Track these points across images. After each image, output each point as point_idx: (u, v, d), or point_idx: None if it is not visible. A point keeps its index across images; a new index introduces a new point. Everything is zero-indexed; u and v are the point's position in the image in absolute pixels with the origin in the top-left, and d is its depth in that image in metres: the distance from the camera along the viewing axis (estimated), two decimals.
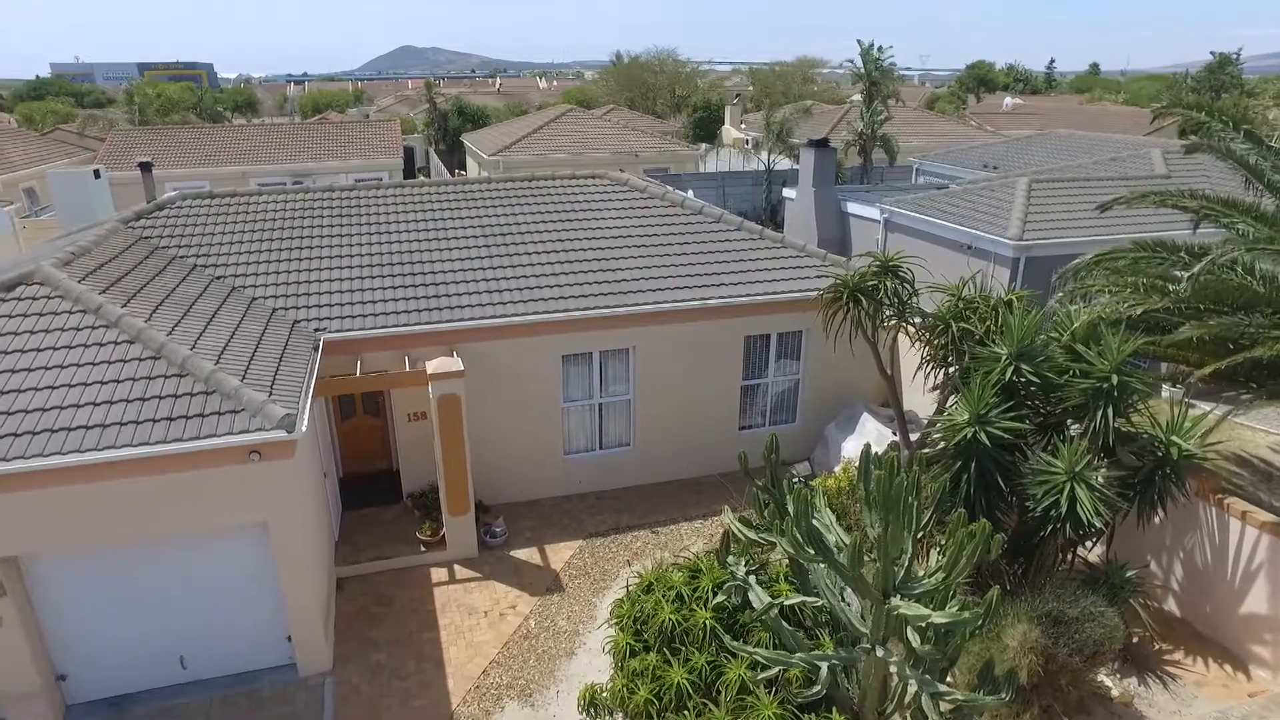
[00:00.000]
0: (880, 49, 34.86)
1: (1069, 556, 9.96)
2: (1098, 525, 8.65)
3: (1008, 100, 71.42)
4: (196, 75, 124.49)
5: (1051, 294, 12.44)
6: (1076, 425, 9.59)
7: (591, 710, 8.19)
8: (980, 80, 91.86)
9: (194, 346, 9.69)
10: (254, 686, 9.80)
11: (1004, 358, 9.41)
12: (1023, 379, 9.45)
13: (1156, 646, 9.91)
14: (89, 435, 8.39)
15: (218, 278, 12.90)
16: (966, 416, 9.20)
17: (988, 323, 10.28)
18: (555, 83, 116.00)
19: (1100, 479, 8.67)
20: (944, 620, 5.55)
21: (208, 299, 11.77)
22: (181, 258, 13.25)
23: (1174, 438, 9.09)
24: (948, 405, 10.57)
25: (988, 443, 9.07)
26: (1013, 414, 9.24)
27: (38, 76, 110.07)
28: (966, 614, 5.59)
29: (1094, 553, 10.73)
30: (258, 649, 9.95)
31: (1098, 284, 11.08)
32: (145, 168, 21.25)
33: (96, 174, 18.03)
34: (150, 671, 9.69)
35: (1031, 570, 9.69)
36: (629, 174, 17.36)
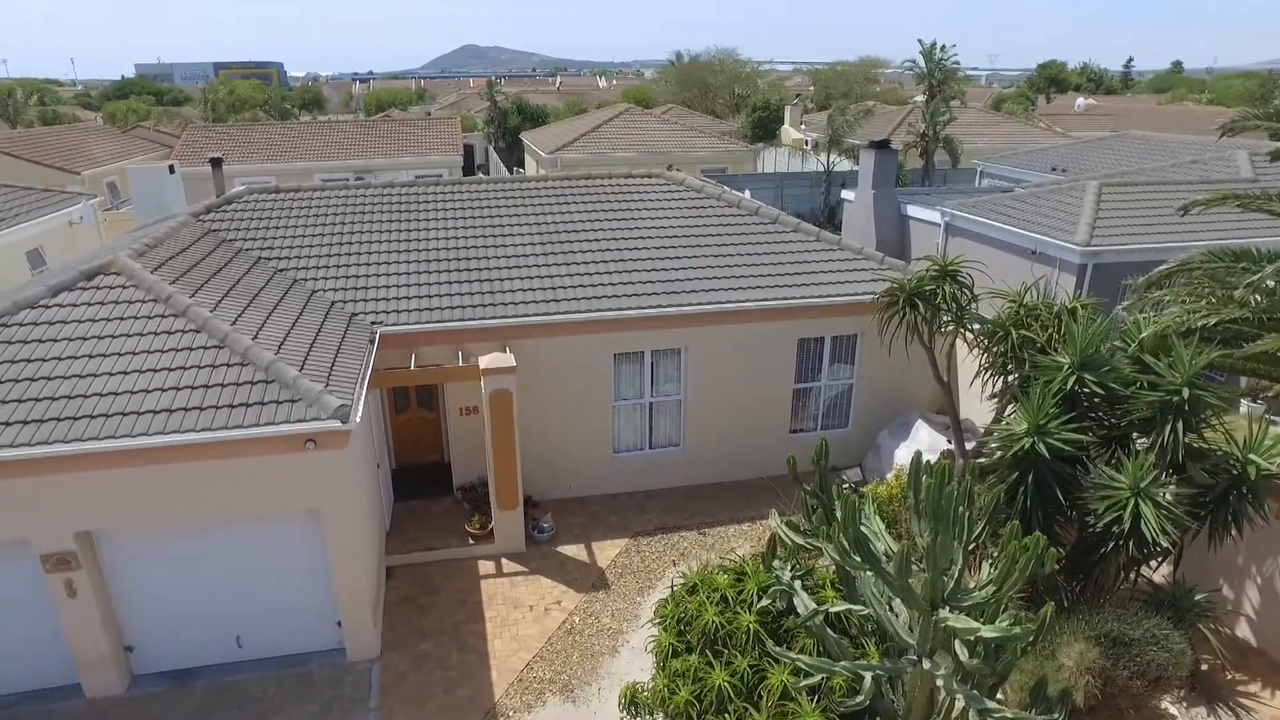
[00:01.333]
0: (944, 48, 34.04)
1: (1132, 576, 9.57)
2: (1164, 544, 8.29)
3: (1080, 101, 69.08)
4: (267, 74, 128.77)
5: (1120, 302, 11.98)
6: (1143, 439, 9.20)
7: (632, 709, 8.19)
8: (1051, 80, 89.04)
9: (256, 336, 10.01)
10: (304, 668, 10.08)
11: (1066, 367, 9.10)
12: (1085, 389, 9.11)
13: (1229, 675, 9.46)
14: (156, 419, 8.75)
15: (280, 270, 13.30)
16: (1025, 426, 8.91)
17: (1049, 330, 9.96)
18: (615, 82, 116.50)
19: (1168, 496, 8.31)
20: (993, 634, 5.38)
21: (270, 291, 12.14)
22: (247, 250, 13.69)
23: (1252, 455, 8.65)
24: (1006, 414, 10.28)
25: (1046, 454, 8.77)
26: (1074, 425, 8.92)
27: (123, 77, 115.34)
28: (1018, 629, 5.41)
29: (1159, 573, 10.29)
30: (309, 632, 10.22)
31: (1169, 293, 10.63)
32: (215, 163, 22.05)
33: (171, 169, 18.76)
34: (209, 648, 10.06)
35: (1091, 588, 9.35)
36: (685, 173, 17.30)
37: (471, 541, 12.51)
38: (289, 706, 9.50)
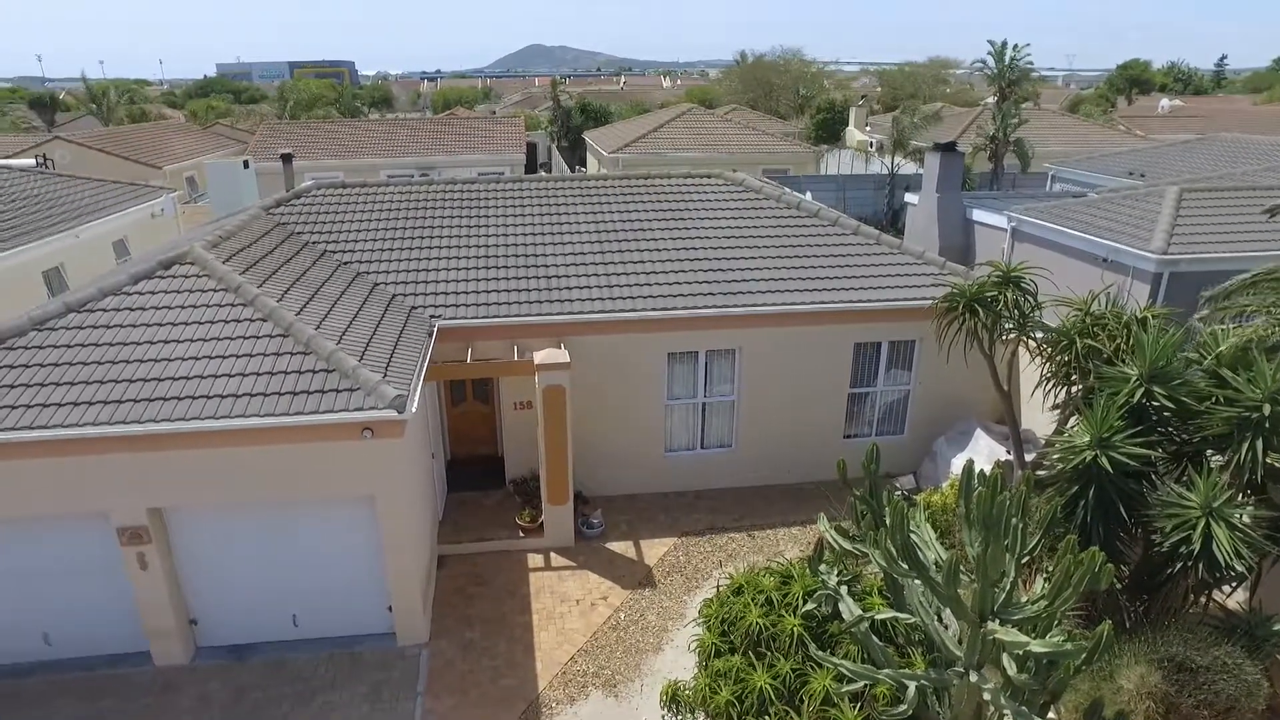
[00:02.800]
0: (1016, 48, 33.05)
1: (1202, 600, 9.13)
2: (1238, 568, 7.89)
3: (1164, 102, 66.19)
4: (339, 73, 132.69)
5: (1198, 313, 11.45)
6: (1218, 457, 8.78)
7: (673, 706, 8.21)
8: (1133, 81, 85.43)
9: (318, 327, 10.34)
10: (356, 650, 10.37)
11: (1133, 378, 8.75)
12: (1154, 403, 8.75)
13: None
14: (224, 403, 9.12)
15: (344, 263, 13.70)
16: (1087, 439, 8.60)
17: (1118, 340, 9.58)
18: (679, 82, 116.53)
19: (1244, 518, 7.91)
20: (1043, 649, 5.21)
21: (334, 283, 12.51)
22: (313, 243, 14.13)
23: None
24: (1068, 426, 9.94)
25: (1109, 468, 8.44)
26: (1140, 439, 8.57)
27: (205, 76, 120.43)
28: (1069, 645, 5.23)
29: (1233, 598, 9.80)
30: (361, 616, 10.51)
31: (1253, 303, 10.11)
32: (286, 159, 22.85)
33: (245, 164, 19.49)
34: (267, 625, 10.44)
35: (1156, 610, 8.96)
36: (745, 174, 17.21)
37: (521, 534, 12.68)
38: (340, 686, 9.78)
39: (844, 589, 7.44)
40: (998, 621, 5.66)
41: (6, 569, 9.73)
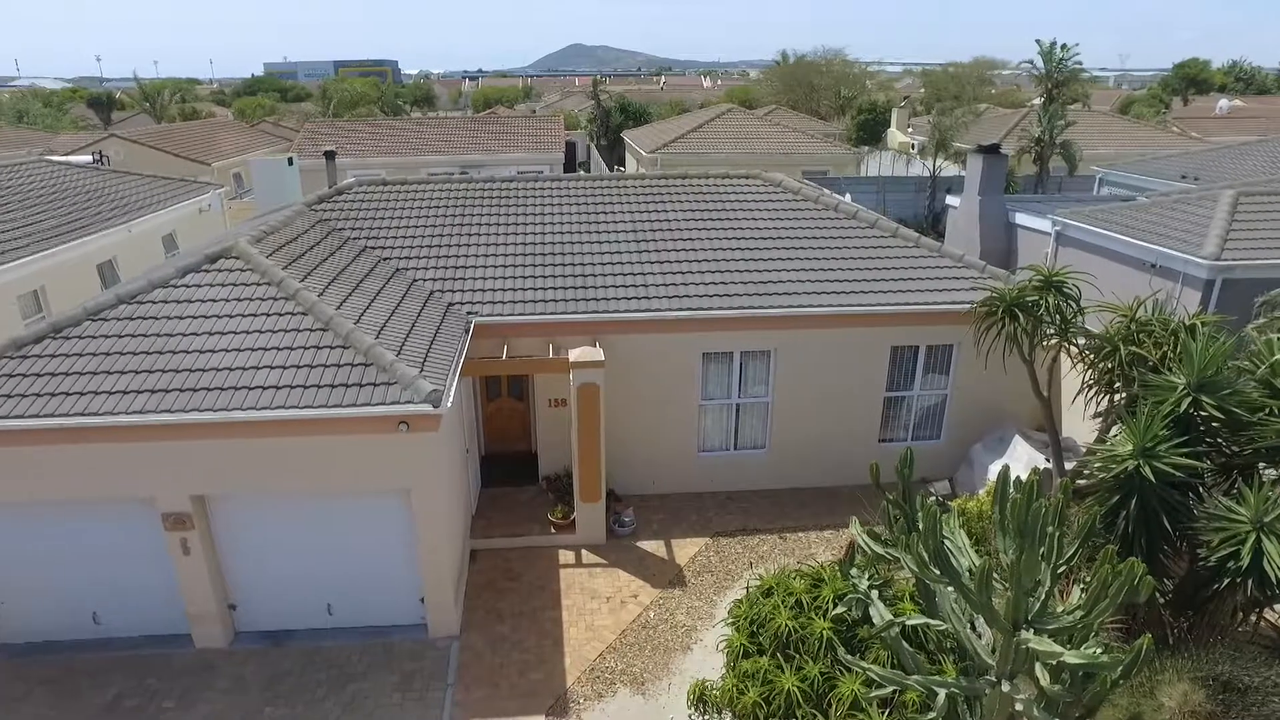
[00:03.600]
0: (1064, 48, 32.30)
1: (1252, 618, 8.84)
2: None
3: (1223, 103, 64.10)
4: (383, 71, 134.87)
5: (1253, 321, 11.10)
6: (1271, 470, 8.51)
7: (700, 706, 8.20)
8: (1190, 81, 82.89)
9: (358, 321, 10.52)
10: (388, 640, 10.53)
11: (1180, 387, 8.51)
12: (1202, 413, 8.50)
13: None
14: (264, 395, 9.34)
15: (384, 259, 13.91)
16: (1130, 448, 8.38)
17: (1164, 348, 9.34)
18: (719, 82, 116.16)
19: None
20: (1077, 660, 5.10)
21: (373, 278, 12.72)
22: (354, 239, 14.38)
23: None
24: (1110, 434, 9.71)
25: (1153, 479, 8.22)
26: (1186, 450, 8.33)
27: (252, 75, 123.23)
28: (1105, 657, 5.11)
29: None
30: (394, 607, 10.67)
31: None
32: (329, 156, 23.22)
33: (289, 161, 19.87)
34: (303, 613, 10.66)
35: (1201, 627, 8.70)
36: (783, 175, 17.10)
37: (553, 531, 12.76)
38: (372, 675, 9.95)
39: (875, 593, 7.36)
40: (1032, 631, 5.56)
41: (60, 550, 10.09)
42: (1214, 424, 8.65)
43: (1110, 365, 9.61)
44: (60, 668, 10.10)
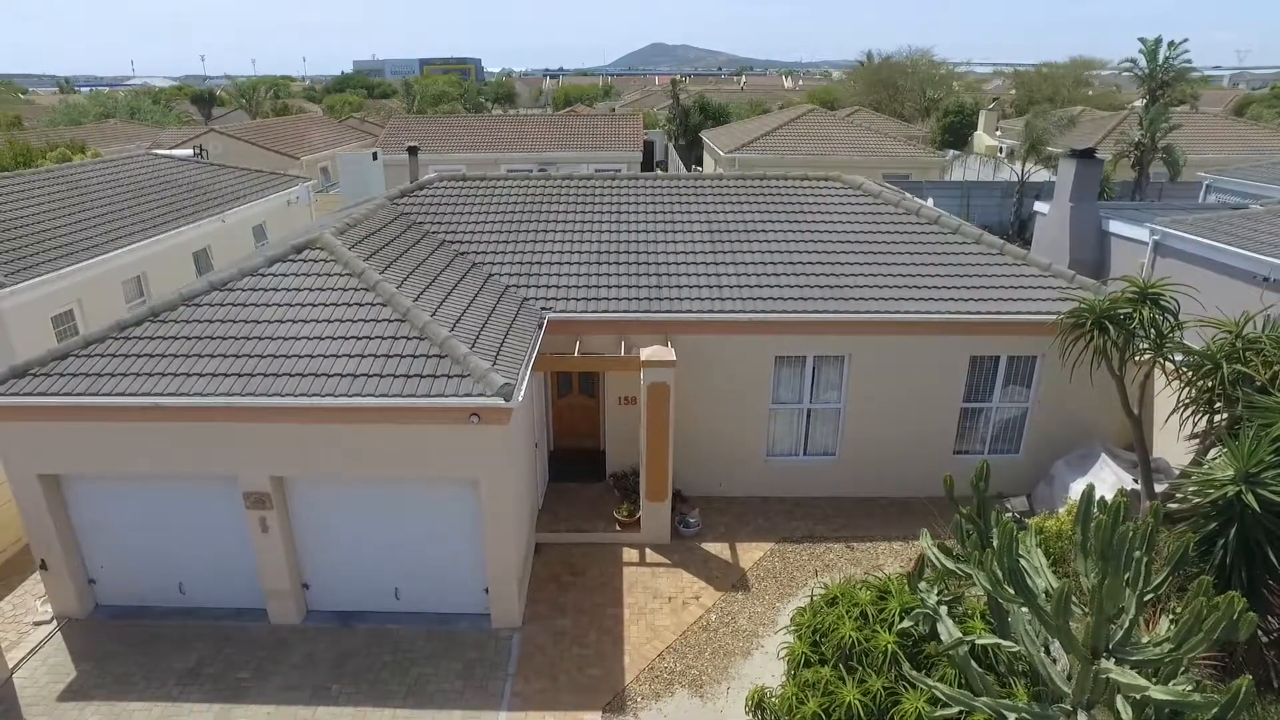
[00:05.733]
0: (1172, 45, 30.58)
1: None
2: None
3: None
4: (466, 69, 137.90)
5: None
6: None
7: (758, 712, 8.09)
8: None
9: (434, 314, 10.75)
10: (452, 627, 10.73)
11: None
12: None
13: None
14: (343, 382, 9.64)
15: (461, 253, 14.19)
16: (1232, 473, 7.89)
17: (1275, 367, 8.74)
18: (801, 82, 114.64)
19: None
20: (1164, 697, 4.81)
21: (450, 272, 12.98)
22: (433, 233, 14.71)
23: None
24: (1208, 457, 9.15)
25: (1257, 506, 7.71)
26: None
27: (342, 73, 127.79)
28: (1197, 696, 4.80)
29: None
30: (459, 595, 10.87)
31: None
32: (412, 151, 23.82)
33: (374, 156, 20.50)
34: (371, 596, 10.95)
35: None
36: (864, 178, 16.74)
37: (618, 528, 12.79)
38: (435, 660, 10.16)
39: (944, 609, 7.12)
40: (1113, 660, 5.27)
41: (150, 523, 10.65)
42: None
43: (1211, 384, 9.05)
44: (148, 632, 10.67)
